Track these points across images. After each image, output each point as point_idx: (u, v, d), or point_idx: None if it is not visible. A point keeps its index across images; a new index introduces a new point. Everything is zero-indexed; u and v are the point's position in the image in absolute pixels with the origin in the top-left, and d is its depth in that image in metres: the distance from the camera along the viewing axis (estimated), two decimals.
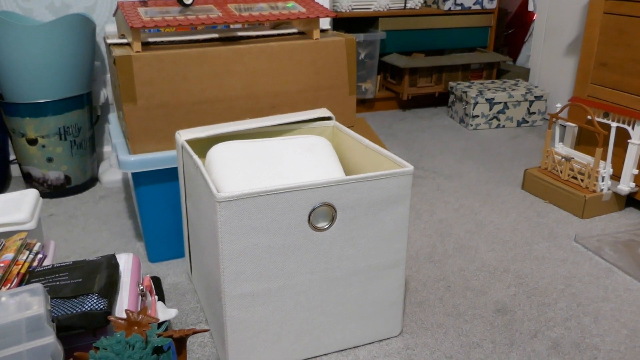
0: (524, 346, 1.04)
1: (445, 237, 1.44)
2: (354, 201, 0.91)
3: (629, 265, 1.30)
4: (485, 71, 2.65)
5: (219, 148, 1.06)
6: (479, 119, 2.33)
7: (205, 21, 1.21)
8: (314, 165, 1.06)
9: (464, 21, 2.61)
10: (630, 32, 1.51)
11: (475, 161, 1.97)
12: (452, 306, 1.15)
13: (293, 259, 0.90)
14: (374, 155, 1.05)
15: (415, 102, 2.69)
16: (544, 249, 1.38)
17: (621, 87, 1.56)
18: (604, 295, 1.19)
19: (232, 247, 0.85)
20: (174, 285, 1.22)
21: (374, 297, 1.00)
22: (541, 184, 1.65)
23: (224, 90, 1.24)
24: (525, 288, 1.22)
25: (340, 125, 1.18)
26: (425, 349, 1.03)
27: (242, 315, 0.90)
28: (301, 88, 1.31)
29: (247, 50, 1.24)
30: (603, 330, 1.08)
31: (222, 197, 0.82)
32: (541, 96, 2.35)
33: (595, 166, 1.51)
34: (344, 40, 1.32)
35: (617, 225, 1.51)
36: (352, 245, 0.94)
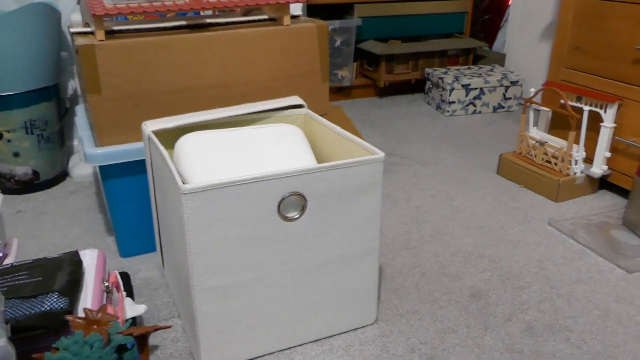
0: (498, 330, 1.04)
1: (421, 224, 1.43)
2: (325, 190, 0.90)
3: (602, 247, 1.31)
4: (462, 57, 2.65)
5: (187, 138, 1.04)
6: (456, 105, 2.33)
7: (172, 8, 1.18)
8: (285, 154, 1.05)
9: (440, 7, 2.60)
10: (603, 16, 1.51)
11: (451, 147, 1.97)
12: (428, 292, 1.15)
13: (263, 250, 0.89)
14: (346, 143, 1.03)
15: (392, 89, 2.68)
16: (519, 233, 1.38)
17: (594, 71, 1.56)
18: (577, 277, 1.20)
19: (200, 239, 0.84)
20: (146, 280, 1.20)
21: (348, 286, 0.99)
22: (516, 168, 1.66)
23: (194, 79, 1.22)
24: (500, 272, 1.22)
25: (312, 113, 1.17)
26: (400, 336, 1.02)
27: (213, 308, 0.89)
28: (273, 76, 1.29)
29: (217, 37, 1.21)
30: (576, 312, 1.09)
31: (188, 189, 0.80)
32: (517, 81, 2.36)
33: (569, 150, 1.52)
34: (315, 26, 1.30)
35: (590, 207, 1.52)
36: (324, 235, 0.92)
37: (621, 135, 1.51)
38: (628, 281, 1.19)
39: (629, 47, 1.44)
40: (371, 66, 2.58)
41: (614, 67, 1.50)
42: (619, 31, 1.47)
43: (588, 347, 1.00)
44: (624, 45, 1.46)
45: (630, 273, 1.21)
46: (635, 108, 1.45)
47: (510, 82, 2.35)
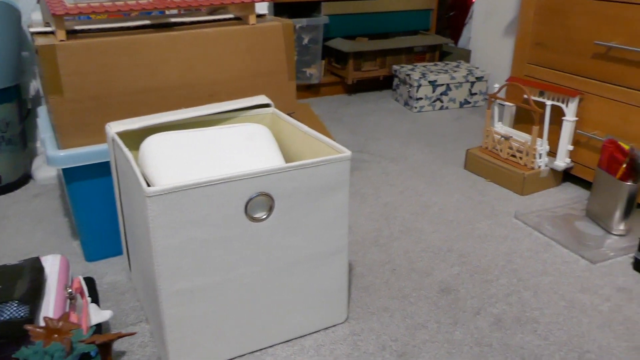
0: (468, 324, 1.05)
1: (391, 220, 1.44)
2: (292, 189, 0.89)
3: (567, 238, 1.34)
4: (428, 54, 2.67)
5: (152, 140, 1.02)
6: (423, 101, 2.35)
7: (135, 7, 1.16)
8: (253, 154, 1.04)
9: (406, 4, 2.62)
10: (563, 12, 1.54)
11: (419, 143, 1.98)
12: (398, 289, 1.16)
13: (231, 252, 0.88)
14: (313, 142, 1.03)
15: (361, 86, 2.69)
16: (486, 227, 1.40)
17: (556, 66, 1.59)
18: (543, 269, 1.23)
19: (165, 242, 0.82)
20: (113, 285, 1.18)
21: (318, 285, 0.99)
22: (482, 163, 1.68)
23: (158, 80, 1.20)
24: (469, 267, 1.24)
25: (279, 112, 1.16)
26: (371, 334, 1.03)
27: (181, 312, 0.88)
28: (239, 75, 1.27)
29: (181, 37, 1.20)
30: (542, 303, 1.11)
31: (152, 192, 0.79)
32: (482, 77, 2.39)
33: (533, 144, 1.54)
34: (281, 25, 1.29)
35: (555, 200, 1.55)
36: (292, 235, 0.92)
37: (583, 128, 1.54)
38: (592, 271, 1.22)
39: (588, 42, 1.48)
40: (339, 64, 2.58)
41: (574, 62, 1.53)
42: (578, 27, 1.50)
43: (555, 337, 1.02)
44: (584, 40, 1.49)
45: (594, 263, 1.24)
46: (595, 102, 1.49)
47: (476, 78, 2.38)
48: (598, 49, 1.45)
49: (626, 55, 1.39)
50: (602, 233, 1.36)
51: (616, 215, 1.33)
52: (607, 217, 1.36)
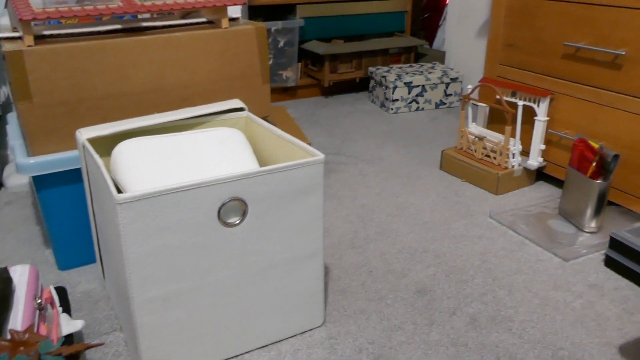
0: (444, 324, 1.06)
1: (367, 222, 1.45)
2: (265, 194, 0.89)
3: (540, 237, 1.35)
4: (404, 55, 2.69)
5: (124, 145, 1.01)
6: (399, 103, 2.36)
7: (104, 11, 1.15)
8: (226, 159, 1.03)
9: (381, 6, 2.63)
10: (532, 13, 1.56)
11: (396, 144, 1.99)
12: (374, 291, 1.16)
13: (205, 258, 0.87)
14: (287, 145, 1.03)
15: (337, 88, 2.70)
16: (462, 227, 1.42)
17: (527, 67, 1.62)
18: (517, 267, 1.24)
19: (137, 249, 0.81)
20: (86, 293, 1.16)
21: (293, 289, 0.98)
22: (457, 163, 1.70)
23: (130, 84, 1.18)
24: (444, 267, 1.25)
25: (253, 116, 1.16)
26: (348, 337, 1.03)
27: (155, 320, 0.87)
28: (212, 79, 1.27)
29: (153, 40, 1.19)
30: (517, 302, 1.12)
31: (122, 199, 0.78)
32: (457, 78, 2.41)
33: (506, 144, 1.56)
34: (254, 28, 1.29)
35: (528, 199, 1.57)
36: (266, 239, 0.92)
37: (554, 128, 1.57)
38: (565, 269, 1.23)
39: (558, 43, 1.50)
40: (315, 66, 2.59)
41: (544, 63, 1.55)
42: (547, 28, 1.52)
43: (529, 335, 1.03)
44: (553, 41, 1.51)
45: (567, 261, 1.26)
46: (566, 101, 1.51)
47: (451, 79, 2.40)
48: (567, 50, 1.48)
49: (594, 55, 1.41)
50: (575, 231, 1.38)
51: (588, 213, 1.36)
52: (579, 215, 1.38)
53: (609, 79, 1.39)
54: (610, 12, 1.35)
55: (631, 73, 1.33)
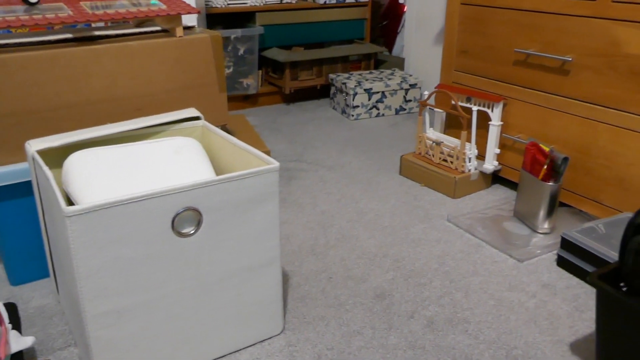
0: (402, 328, 1.07)
1: (328, 229, 1.45)
2: (220, 203, 0.88)
3: (496, 239, 1.38)
4: (364, 62, 2.72)
5: (76, 157, 0.99)
6: (360, 109, 2.39)
7: (53, 21, 1.13)
8: (182, 168, 1.03)
9: (340, 14, 2.66)
10: (484, 21, 1.60)
11: (356, 150, 2.01)
12: (334, 297, 1.17)
13: (160, 269, 0.86)
14: (243, 154, 1.03)
15: (299, 96, 2.71)
16: (420, 231, 1.44)
17: (480, 73, 1.66)
18: (474, 269, 1.27)
19: (88, 263, 0.80)
20: (40, 308, 1.13)
21: (251, 298, 0.98)
22: (416, 168, 1.72)
23: (82, 94, 1.16)
24: (403, 271, 1.26)
25: (209, 125, 1.15)
26: (307, 344, 1.03)
27: (108, 334, 0.85)
28: (167, 88, 1.26)
29: (105, 50, 1.17)
30: (473, 304, 1.14)
31: (71, 212, 0.76)
32: (415, 84, 2.45)
33: (462, 148, 1.60)
34: (209, 37, 1.29)
35: (485, 202, 1.60)
36: (222, 248, 0.91)
37: (508, 132, 1.61)
38: (519, 270, 1.27)
39: (509, 50, 1.54)
40: (276, 73, 2.59)
41: (497, 69, 1.60)
42: (499, 35, 1.56)
43: (484, 336, 1.05)
44: (504, 48, 1.56)
45: (521, 262, 1.29)
46: (518, 106, 1.56)
47: (410, 85, 2.44)
48: (518, 56, 1.52)
49: (543, 61, 1.46)
50: (529, 232, 1.42)
51: (540, 215, 1.39)
52: (533, 216, 1.42)
53: (558, 84, 1.43)
54: (557, 20, 1.40)
55: (578, 78, 1.38)
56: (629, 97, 1.28)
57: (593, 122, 1.37)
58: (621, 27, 1.27)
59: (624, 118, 1.30)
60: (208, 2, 2.36)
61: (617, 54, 1.29)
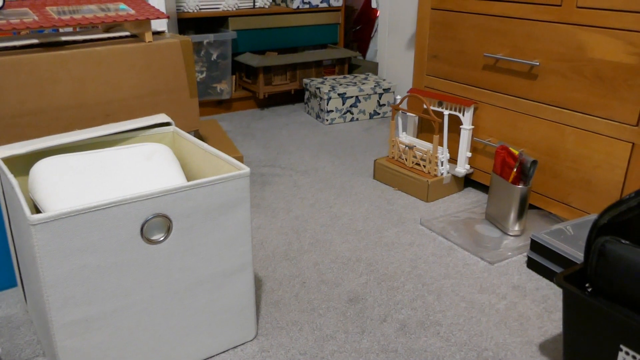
0: (374, 332, 1.08)
1: (301, 233, 1.45)
2: (190, 209, 0.88)
3: (467, 242, 1.40)
4: (338, 67, 2.73)
5: (42, 164, 0.98)
6: (334, 114, 2.39)
7: (18, 26, 1.11)
8: (152, 175, 1.01)
9: (313, 19, 2.67)
10: (454, 25, 1.62)
11: (330, 155, 2.02)
12: (307, 302, 1.17)
13: (129, 277, 0.85)
14: (213, 160, 1.02)
15: (273, 100, 2.70)
16: (393, 235, 1.45)
17: (451, 77, 1.68)
18: (446, 272, 1.28)
19: (55, 272, 0.78)
20: (7, 318, 1.11)
21: (223, 304, 0.97)
22: (389, 172, 1.73)
23: (48, 100, 1.15)
24: (376, 275, 1.27)
25: (179, 131, 1.14)
26: (280, 349, 1.03)
27: (77, 343, 0.84)
28: (137, 94, 1.24)
29: (71, 55, 1.15)
30: (445, 306, 1.15)
31: (36, 220, 0.75)
32: (389, 89, 2.47)
33: (434, 152, 1.61)
34: (179, 42, 1.28)
35: (457, 205, 1.62)
36: (193, 255, 0.91)
37: (479, 135, 1.63)
38: (490, 272, 1.28)
39: (478, 54, 1.57)
40: (250, 78, 2.59)
41: (467, 73, 1.62)
42: (468, 40, 1.59)
43: (456, 338, 1.06)
44: (474, 52, 1.58)
45: (492, 264, 1.31)
46: (488, 110, 1.58)
47: (383, 90, 2.46)
48: (487, 61, 1.55)
49: (512, 66, 1.48)
50: (500, 234, 1.44)
51: (511, 217, 1.42)
52: (503, 219, 1.44)
53: (526, 88, 1.46)
54: (524, 25, 1.43)
55: (545, 82, 1.41)
56: (594, 101, 1.31)
57: (560, 126, 1.40)
58: (586, 32, 1.30)
59: (590, 121, 1.33)
60: (180, 7, 2.35)
61: (582, 58, 1.32)
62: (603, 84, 1.29)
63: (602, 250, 0.83)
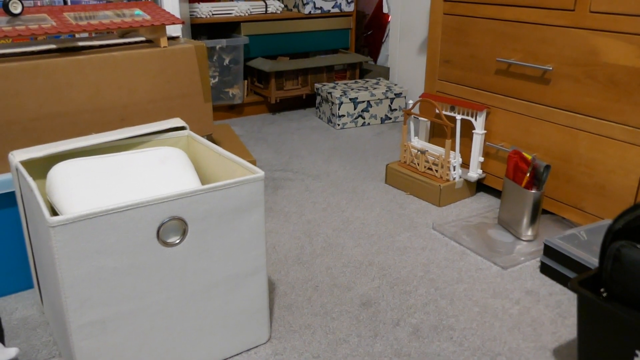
0: (387, 336, 1.08)
1: (314, 237, 1.46)
2: (205, 212, 0.89)
3: (480, 246, 1.40)
4: (349, 71, 2.74)
5: (60, 167, 0.99)
6: (345, 118, 2.40)
7: (37, 32, 1.12)
8: (167, 178, 1.03)
9: (324, 24, 2.68)
10: (466, 31, 1.63)
11: (342, 159, 2.02)
12: (320, 305, 1.17)
13: (144, 279, 0.86)
14: (228, 163, 1.03)
15: (284, 105, 2.72)
16: (406, 239, 1.45)
17: (463, 82, 1.68)
18: (458, 277, 1.28)
19: (73, 273, 0.80)
20: (23, 320, 1.12)
21: (237, 307, 0.98)
22: (401, 177, 1.74)
23: (65, 105, 1.16)
24: (389, 279, 1.27)
25: (194, 135, 1.15)
26: (293, 352, 1.03)
27: (93, 344, 0.85)
28: (152, 98, 1.26)
29: (88, 60, 1.17)
30: (458, 311, 1.15)
31: (55, 222, 0.76)
32: (400, 93, 2.47)
33: (447, 157, 1.61)
34: (193, 47, 1.29)
35: (469, 210, 1.62)
36: (208, 258, 0.91)
37: (491, 140, 1.63)
38: (503, 277, 1.28)
39: (491, 59, 1.57)
40: (261, 83, 2.60)
41: (479, 78, 1.62)
42: (481, 45, 1.59)
43: (469, 343, 1.06)
44: (487, 57, 1.58)
45: (505, 269, 1.31)
46: (500, 115, 1.58)
47: (395, 94, 2.46)
48: (500, 66, 1.55)
49: (524, 70, 1.48)
50: (512, 239, 1.44)
51: (524, 222, 1.41)
52: (516, 224, 1.43)
53: (539, 93, 1.46)
54: (537, 30, 1.42)
55: (558, 87, 1.41)
56: (607, 106, 1.31)
57: (573, 130, 1.40)
58: (599, 37, 1.29)
59: (603, 126, 1.33)
60: (193, 13, 2.37)
61: (596, 63, 1.31)
62: (617, 89, 1.28)
63: (617, 255, 0.83)
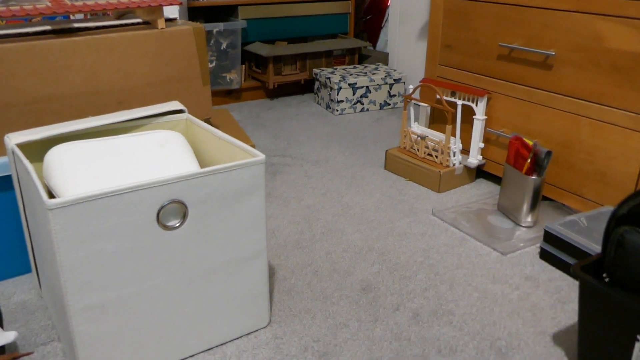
0: (387, 320, 1.07)
1: (313, 223, 1.45)
2: (205, 195, 0.88)
3: (480, 232, 1.39)
4: (348, 57, 2.71)
5: (57, 150, 0.98)
6: (344, 104, 2.38)
7: (31, 12, 1.10)
8: (166, 162, 1.01)
9: (323, 8, 2.65)
10: (468, 15, 1.61)
11: (341, 145, 2.01)
12: (320, 290, 1.17)
13: (144, 262, 0.85)
14: (228, 147, 1.02)
15: (282, 90, 2.69)
16: (405, 225, 1.44)
17: (465, 67, 1.66)
18: (458, 262, 1.27)
19: (71, 256, 0.79)
20: (22, 304, 1.11)
21: (237, 291, 0.97)
22: (401, 162, 1.73)
23: (61, 87, 1.15)
24: (388, 264, 1.26)
25: (193, 118, 1.14)
26: (293, 336, 1.03)
27: (93, 328, 0.84)
28: (149, 81, 1.24)
29: (84, 42, 1.15)
30: (457, 296, 1.15)
31: (54, 204, 0.75)
32: (400, 79, 2.45)
33: (447, 142, 1.60)
34: (192, 29, 1.27)
35: (469, 196, 1.61)
36: (208, 241, 0.90)
37: (492, 126, 1.62)
38: (503, 263, 1.28)
39: (493, 44, 1.55)
40: (259, 68, 2.58)
41: (481, 63, 1.61)
42: (483, 29, 1.57)
43: (469, 328, 1.06)
44: (488, 42, 1.56)
45: (505, 255, 1.31)
46: (501, 100, 1.57)
47: (394, 80, 2.44)
48: (502, 50, 1.53)
49: (527, 56, 1.47)
50: (512, 225, 1.43)
51: (524, 208, 1.41)
52: (516, 210, 1.43)
53: (541, 78, 1.45)
54: (541, 14, 1.41)
55: (561, 73, 1.39)
56: (610, 92, 1.30)
57: (575, 117, 1.39)
58: (603, 21, 1.28)
59: (606, 112, 1.32)
60: None
61: (599, 48, 1.30)
62: (620, 75, 1.27)
63: (620, 241, 0.83)
